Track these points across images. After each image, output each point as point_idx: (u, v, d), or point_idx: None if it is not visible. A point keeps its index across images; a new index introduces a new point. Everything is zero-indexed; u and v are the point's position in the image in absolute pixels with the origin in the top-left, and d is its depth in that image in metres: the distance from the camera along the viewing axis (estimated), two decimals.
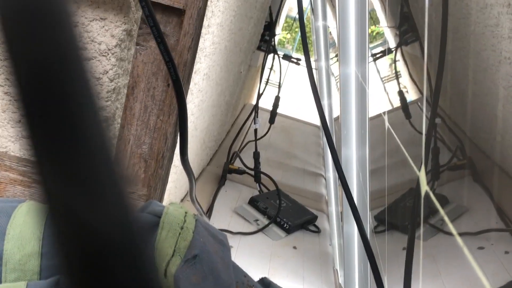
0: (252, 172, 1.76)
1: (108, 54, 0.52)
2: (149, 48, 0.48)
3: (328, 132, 0.58)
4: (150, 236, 0.40)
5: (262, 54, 2.27)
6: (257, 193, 1.70)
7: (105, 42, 0.51)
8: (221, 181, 1.70)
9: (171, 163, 0.54)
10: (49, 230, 0.38)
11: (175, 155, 0.64)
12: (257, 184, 1.74)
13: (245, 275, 0.43)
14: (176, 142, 0.54)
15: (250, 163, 1.76)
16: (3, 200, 0.41)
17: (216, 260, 0.38)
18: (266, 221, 1.49)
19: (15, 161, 0.51)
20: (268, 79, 2.13)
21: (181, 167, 0.65)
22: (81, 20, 0.51)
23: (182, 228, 0.38)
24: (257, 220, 1.50)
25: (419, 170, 0.38)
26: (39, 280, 0.35)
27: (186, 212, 0.40)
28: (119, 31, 0.50)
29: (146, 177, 0.51)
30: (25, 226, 0.37)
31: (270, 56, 2.15)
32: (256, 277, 0.44)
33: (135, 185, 0.51)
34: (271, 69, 2.43)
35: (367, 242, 0.52)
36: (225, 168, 1.75)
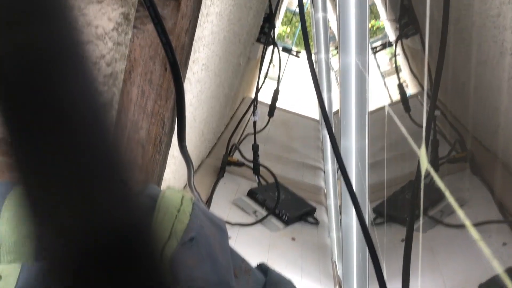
0: (251, 165, 1.75)
1: (105, 38, 0.51)
2: (146, 32, 0.47)
3: (329, 122, 0.57)
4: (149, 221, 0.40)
5: (261, 46, 2.26)
6: (256, 185, 1.70)
7: (102, 26, 0.50)
8: (220, 173, 1.70)
9: (169, 149, 0.54)
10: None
11: (173, 145, 0.64)
12: (256, 176, 1.74)
13: (243, 261, 0.43)
14: (174, 128, 0.53)
15: (249, 156, 1.76)
16: (1, 184, 0.41)
17: (214, 244, 0.38)
18: (264, 213, 1.49)
19: None
20: (267, 73, 2.12)
21: (179, 157, 0.65)
22: (77, 3, 0.50)
23: (179, 211, 0.38)
24: (255, 211, 1.50)
25: (419, 148, 0.38)
26: (34, 262, 0.35)
27: (183, 196, 0.40)
28: (116, 14, 0.49)
29: (143, 162, 0.51)
30: (20, 208, 0.36)
31: (270, 48, 2.14)
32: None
33: (135, 170, 0.50)
34: (270, 63, 2.42)
35: (366, 230, 0.52)
36: (224, 160, 1.75)
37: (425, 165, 0.38)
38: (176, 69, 0.42)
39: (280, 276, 0.46)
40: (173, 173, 1.18)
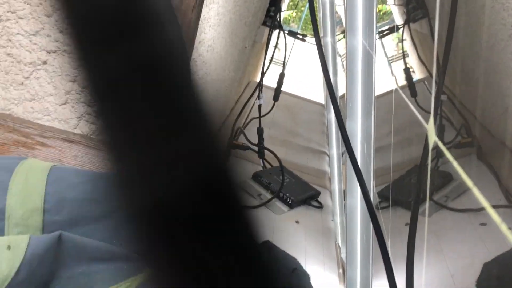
0: (256, 148, 1.75)
1: None
2: None
3: (337, 104, 0.57)
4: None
5: (267, 30, 2.24)
6: (261, 169, 1.70)
7: None
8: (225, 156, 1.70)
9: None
10: (51, 187, 0.38)
11: None
12: (261, 160, 1.74)
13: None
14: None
15: (254, 140, 1.76)
16: (4, 157, 0.41)
17: None
18: (269, 196, 1.50)
19: (18, 123, 0.50)
20: (272, 57, 2.10)
21: None
22: None
23: None
24: (260, 194, 1.51)
25: (427, 123, 0.38)
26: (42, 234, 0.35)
27: None
28: None
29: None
30: (28, 182, 0.36)
31: (275, 32, 2.12)
32: None
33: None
34: (275, 46, 2.40)
35: (373, 211, 0.52)
36: (228, 143, 1.75)
37: (433, 138, 0.38)
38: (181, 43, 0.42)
39: (284, 253, 0.46)
40: None
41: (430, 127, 0.38)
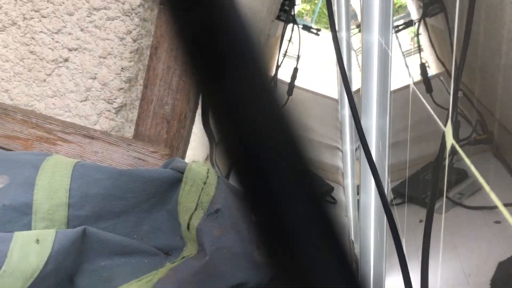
0: None
1: (131, 14, 0.51)
2: None
3: (353, 100, 0.57)
4: (174, 191, 0.41)
5: (281, 24, 2.24)
6: None
7: (129, 2, 0.50)
8: None
9: (193, 124, 0.54)
10: (75, 182, 0.39)
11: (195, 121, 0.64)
12: None
13: None
14: (198, 104, 0.54)
15: None
16: (30, 153, 0.42)
17: (238, 216, 0.39)
18: None
19: (41, 119, 0.52)
20: (286, 51, 2.10)
21: (199, 134, 0.66)
22: None
23: (205, 183, 0.39)
24: None
25: (445, 125, 0.38)
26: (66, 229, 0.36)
27: (208, 169, 0.41)
28: None
29: (168, 137, 0.52)
30: (53, 177, 0.38)
31: (289, 26, 2.12)
32: None
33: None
34: (289, 40, 2.39)
35: (388, 207, 0.52)
36: None
37: (450, 141, 0.38)
38: None
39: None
40: (193, 150, 1.20)
41: (448, 130, 0.38)
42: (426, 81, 1.97)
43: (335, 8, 2.04)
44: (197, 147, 1.26)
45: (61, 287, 0.36)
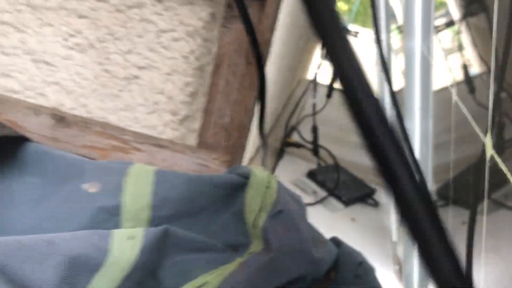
0: (309, 146, 1.80)
1: (194, 36, 0.57)
2: (233, 30, 0.53)
3: (397, 104, 0.61)
4: (238, 195, 0.46)
5: None
6: (314, 166, 1.75)
7: (193, 25, 0.56)
8: (279, 154, 1.76)
9: (249, 133, 0.60)
10: (156, 187, 0.45)
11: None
12: (315, 157, 1.78)
13: (319, 233, 0.49)
14: (253, 115, 0.59)
15: (307, 137, 1.80)
16: (114, 162, 0.48)
17: (296, 217, 0.44)
18: (324, 194, 1.54)
19: (116, 131, 0.58)
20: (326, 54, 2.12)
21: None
22: (171, 4, 0.57)
23: (267, 187, 0.44)
24: (315, 192, 1.55)
25: (485, 135, 0.40)
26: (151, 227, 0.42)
27: (268, 174, 0.46)
28: (205, 14, 0.55)
29: (227, 145, 0.57)
30: (138, 183, 0.44)
31: None
32: None
33: (219, 152, 0.57)
34: None
35: (432, 206, 0.55)
36: (282, 141, 1.80)
37: (489, 152, 0.41)
38: (261, 64, 0.48)
39: (351, 248, 0.51)
40: None
41: (488, 141, 0.41)
42: (468, 81, 1.94)
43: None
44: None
45: (145, 279, 0.42)
